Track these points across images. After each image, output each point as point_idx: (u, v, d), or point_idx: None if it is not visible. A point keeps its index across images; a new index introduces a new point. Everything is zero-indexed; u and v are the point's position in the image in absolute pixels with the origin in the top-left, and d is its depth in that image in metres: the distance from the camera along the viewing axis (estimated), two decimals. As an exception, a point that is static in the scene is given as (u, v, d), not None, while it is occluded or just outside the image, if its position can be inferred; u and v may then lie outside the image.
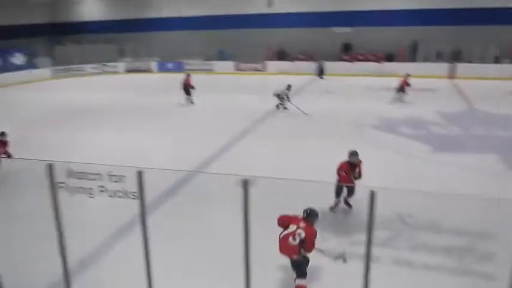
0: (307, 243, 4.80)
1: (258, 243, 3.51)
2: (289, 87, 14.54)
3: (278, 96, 14.84)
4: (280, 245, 4.89)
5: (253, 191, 3.11)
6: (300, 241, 4.78)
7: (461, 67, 22.37)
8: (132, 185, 3.44)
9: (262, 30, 26.40)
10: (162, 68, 28.17)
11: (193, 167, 9.40)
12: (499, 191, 7.65)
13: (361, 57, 24.96)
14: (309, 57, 25.50)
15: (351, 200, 7.20)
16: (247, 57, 26.30)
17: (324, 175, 8.43)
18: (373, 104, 16.10)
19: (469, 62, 22.73)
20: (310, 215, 5.00)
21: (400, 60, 23.99)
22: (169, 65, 28.00)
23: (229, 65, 26.85)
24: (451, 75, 22.47)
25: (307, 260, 4.94)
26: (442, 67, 22.72)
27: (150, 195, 3.76)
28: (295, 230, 4.83)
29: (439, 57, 23.75)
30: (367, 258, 3.00)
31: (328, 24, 25.64)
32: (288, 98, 14.87)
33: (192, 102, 16.69)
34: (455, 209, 6.89)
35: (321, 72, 23.93)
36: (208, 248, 6.07)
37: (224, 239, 5.99)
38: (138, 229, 3.63)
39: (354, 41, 25.47)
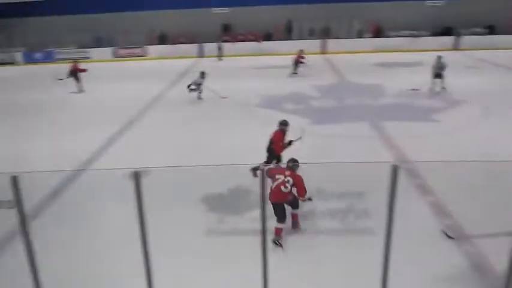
0: (299, 188, 5.50)
1: (155, 238, 3.45)
2: (203, 74, 14.02)
3: (197, 86, 14.04)
4: (272, 195, 5.51)
5: (146, 182, 3.03)
6: (290, 187, 5.46)
7: (332, 43, 24.18)
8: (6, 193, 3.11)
9: (140, 14, 25.26)
10: (29, 59, 25.42)
11: (80, 164, 8.78)
12: (372, 155, 8.57)
13: (241, 38, 25.46)
14: (190, 40, 25.22)
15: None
16: (126, 43, 25.03)
17: (216, 159, 8.63)
18: (257, 83, 16.63)
19: (337, 37, 24.69)
20: (294, 165, 5.65)
21: (277, 39, 25.09)
22: (37, 55, 25.38)
23: (106, 51, 25.28)
24: (323, 51, 24.17)
25: (298, 203, 5.79)
26: (315, 43, 24.29)
27: (30, 202, 3.44)
28: (284, 179, 5.47)
29: (311, 34, 25.37)
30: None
31: (206, 4, 25.54)
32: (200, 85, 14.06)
33: (82, 90, 15.81)
34: (336, 175, 7.54)
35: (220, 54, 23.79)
36: (98, 250, 5.77)
37: (118, 238, 5.77)
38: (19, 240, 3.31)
39: (233, 22, 25.82)
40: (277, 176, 5.57)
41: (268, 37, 25.51)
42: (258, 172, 7.51)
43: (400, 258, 3.45)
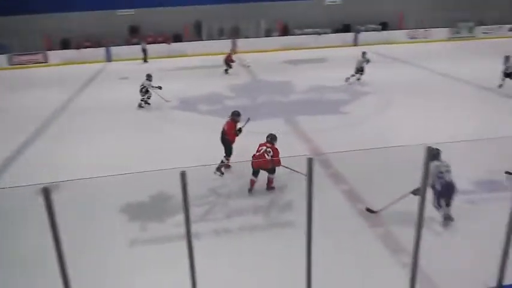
0: (276, 157, 6.97)
1: (74, 255, 3.28)
2: (149, 77, 13.07)
3: (145, 90, 13.01)
4: (255, 163, 6.99)
5: (60, 196, 2.86)
6: (271, 157, 6.88)
7: (241, 42, 24.52)
8: None
9: (38, 17, 23.27)
10: None
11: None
12: (289, 149, 8.88)
13: (150, 39, 24.79)
14: (96, 44, 23.99)
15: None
16: (23, 49, 23.04)
17: (134, 165, 8.33)
18: (172, 85, 16.32)
19: (247, 37, 25.13)
20: (272, 139, 7.18)
21: (187, 40, 24.86)
22: None
23: (1, 59, 22.99)
24: (235, 50, 24.43)
25: (274, 170, 7.11)
26: (226, 43, 24.43)
27: None
28: (266, 150, 6.98)
29: (221, 34, 25.54)
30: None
31: (110, 7, 24.43)
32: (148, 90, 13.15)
33: None
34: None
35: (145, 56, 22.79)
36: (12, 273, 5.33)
37: (32, 259, 5.36)
38: None
39: (140, 23, 25.05)
40: (260, 148, 7.05)
41: (177, 38, 25.16)
42: (222, 169, 7.86)
43: (322, 246, 3.66)
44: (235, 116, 8.17)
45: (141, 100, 13.08)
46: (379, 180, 7.31)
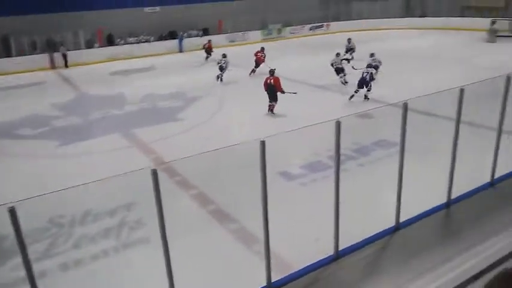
0: (277, 86, 11.62)
1: None
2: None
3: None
4: (265, 86, 11.78)
5: None
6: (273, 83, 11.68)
7: (58, 56, 22.44)
8: None
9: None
10: None
11: None
12: (132, 163, 8.66)
13: None
14: None
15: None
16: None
17: None
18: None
19: (68, 50, 23.06)
20: (272, 72, 11.81)
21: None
22: None
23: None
24: (53, 65, 22.36)
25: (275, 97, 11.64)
26: (42, 58, 22.13)
27: None
28: (269, 77, 11.78)
29: (34, 48, 22.96)
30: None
31: None
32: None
33: None
34: (101, 192, 7.33)
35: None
36: None
37: None
38: None
39: None
40: (265, 78, 11.81)
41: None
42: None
43: (180, 250, 3.78)
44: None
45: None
46: (226, 179, 7.74)
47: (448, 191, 5.58)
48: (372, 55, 14.43)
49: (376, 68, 13.34)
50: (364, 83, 12.64)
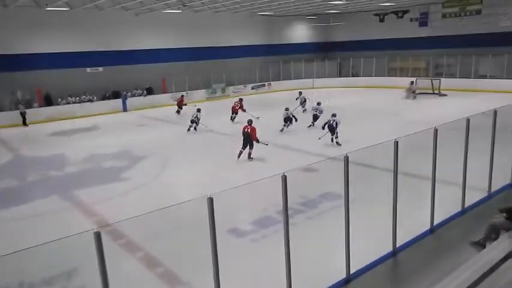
0: (252, 133, 12.61)
1: None
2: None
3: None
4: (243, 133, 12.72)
5: None
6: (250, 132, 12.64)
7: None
8: None
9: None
10: None
11: None
12: (73, 227, 8.20)
13: None
14: None
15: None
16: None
17: None
18: None
19: (2, 110, 22.06)
20: (249, 120, 13.12)
21: None
22: None
23: None
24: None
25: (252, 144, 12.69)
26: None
27: None
28: (247, 126, 12.84)
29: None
30: None
31: None
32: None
33: None
34: (38, 261, 6.84)
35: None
36: None
37: None
38: None
39: None
40: (244, 126, 12.82)
41: None
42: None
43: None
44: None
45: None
46: (174, 239, 7.52)
47: (393, 240, 5.81)
48: (318, 104, 17.26)
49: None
50: (331, 130, 13.97)
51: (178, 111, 22.82)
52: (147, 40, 27.78)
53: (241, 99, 20.66)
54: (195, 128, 17.59)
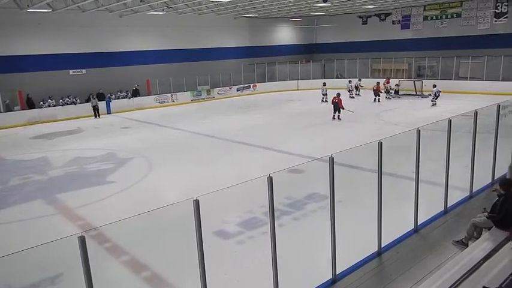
0: (339, 103, 19.14)
1: None
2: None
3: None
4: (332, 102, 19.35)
5: None
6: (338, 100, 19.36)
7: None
8: None
9: None
10: None
11: None
12: (57, 232, 8.10)
13: None
14: None
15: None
16: None
17: None
18: None
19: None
20: (338, 95, 19.47)
21: None
22: None
23: None
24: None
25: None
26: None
27: None
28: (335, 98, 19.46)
29: None
30: None
31: None
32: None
33: None
34: (27, 266, 6.73)
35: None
36: None
37: None
38: None
39: None
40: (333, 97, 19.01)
41: None
42: None
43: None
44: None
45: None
46: (160, 241, 7.47)
47: (378, 241, 5.88)
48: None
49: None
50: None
51: None
52: (132, 42, 27.59)
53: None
54: None
